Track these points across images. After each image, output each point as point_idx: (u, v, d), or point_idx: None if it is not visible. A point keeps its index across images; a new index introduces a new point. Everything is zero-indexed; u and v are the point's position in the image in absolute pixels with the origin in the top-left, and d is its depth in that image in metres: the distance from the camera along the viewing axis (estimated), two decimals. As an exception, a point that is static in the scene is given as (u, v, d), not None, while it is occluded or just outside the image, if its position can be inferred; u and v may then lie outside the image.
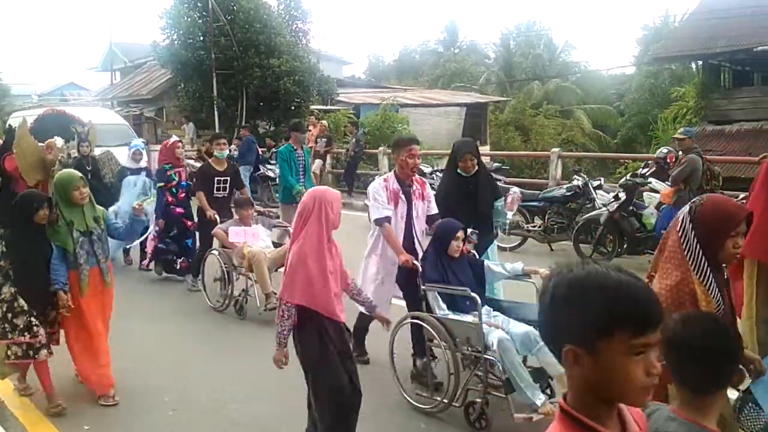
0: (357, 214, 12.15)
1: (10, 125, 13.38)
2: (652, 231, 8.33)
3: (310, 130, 16.11)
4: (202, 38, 20.35)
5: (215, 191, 7.47)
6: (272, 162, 15.87)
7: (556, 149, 12.92)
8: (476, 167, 5.13)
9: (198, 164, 10.95)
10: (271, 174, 14.55)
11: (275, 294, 6.07)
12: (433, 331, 4.32)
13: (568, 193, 9.50)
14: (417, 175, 5.20)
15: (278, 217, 7.60)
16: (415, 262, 4.60)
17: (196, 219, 7.82)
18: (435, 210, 5.11)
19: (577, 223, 9.00)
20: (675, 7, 76.30)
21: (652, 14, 48.67)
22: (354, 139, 16.07)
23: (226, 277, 6.87)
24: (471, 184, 5.14)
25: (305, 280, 3.44)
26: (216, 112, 20.37)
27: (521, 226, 9.62)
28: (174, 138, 8.55)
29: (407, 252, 4.75)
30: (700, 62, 21.22)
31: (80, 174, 4.58)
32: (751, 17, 18.14)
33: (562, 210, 9.50)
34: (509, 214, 6.03)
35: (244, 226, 6.80)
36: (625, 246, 8.51)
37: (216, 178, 7.49)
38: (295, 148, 8.34)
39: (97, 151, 9.81)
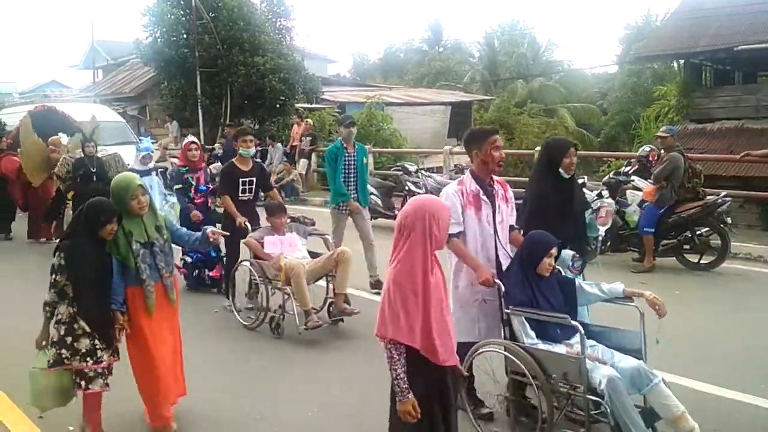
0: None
1: (1, 121, 13.23)
2: (635, 228, 8.41)
3: (294, 128, 16.10)
4: (185, 36, 20.21)
5: (241, 194, 6.69)
6: (257, 160, 15.80)
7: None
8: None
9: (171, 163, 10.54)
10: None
11: (315, 310, 5.82)
12: (521, 364, 3.66)
13: (553, 191, 9.53)
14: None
15: (314, 224, 6.76)
16: (497, 280, 3.89)
17: (221, 225, 7.04)
18: (513, 219, 4.32)
19: (561, 221, 9.04)
20: (657, 6, 76.96)
21: (634, 13, 49.12)
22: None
23: (261, 291, 6.14)
24: (567, 189, 4.48)
25: (402, 312, 2.84)
26: (200, 111, 20.24)
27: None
28: (189, 138, 7.81)
29: (492, 266, 4.06)
30: (682, 61, 21.39)
31: (139, 181, 4.03)
32: (732, 16, 18.33)
33: (546, 208, 9.54)
34: (602, 229, 5.34)
35: (276, 234, 6.17)
36: (608, 243, 8.57)
37: (241, 180, 6.68)
38: (345, 145, 7.31)
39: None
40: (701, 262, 8.15)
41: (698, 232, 8.10)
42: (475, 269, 3.94)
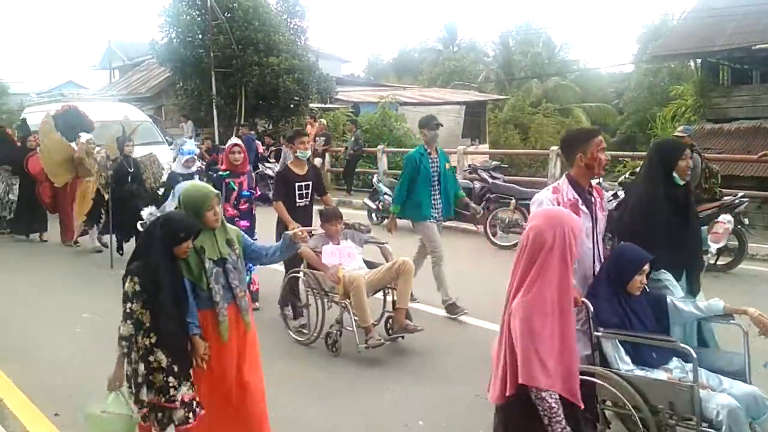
0: (355, 213, 12.16)
1: (24, 119, 12.49)
2: (650, 229, 8.32)
3: (308, 131, 16.13)
4: (200, 36, 20.30)
5: (297, 199, 6.24)
6: (271, 160, 15.86)
7: (555, 147, 12.92)
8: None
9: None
10: (269, 172, 14.54)
11: (375, 324, 5.46)
12: (619, 394, 3.24)
13: (567, 191, 9.48)
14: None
15: (369, 231, 6.21)
16: (585, 300, 3.45)
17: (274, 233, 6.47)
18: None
19: (576, 221, 8.99)
20: (674, 5, 76.15)
21: (651, 12, 48.74)
22: (353, 138, 16.07)
23: (316, 305, 5.69)
24: (681, 196, 3.99)
25: (543, 350, 2.48)
26: (215, 111, 20.34)
27: (520, 224, 9.62)
28: (233, 140, 7.17)
29: (587, 285, 3.63)
30: (699, 60, 21.18)
31: (215, 190, 3.65)
32: (750, 15, 18.14)
33: (561, 208, 9.49)
34: (713, 246, 4.68)
35: (331, 242, 5.69)
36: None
37: (297, 184, 6.20)
38: (427, 150, 6.60)
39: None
40: (718, 263, 8.06)
41: (715, 233, 8.01)
42: None
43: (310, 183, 6.29)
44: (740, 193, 8.27)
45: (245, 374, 3.53)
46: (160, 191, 8.72)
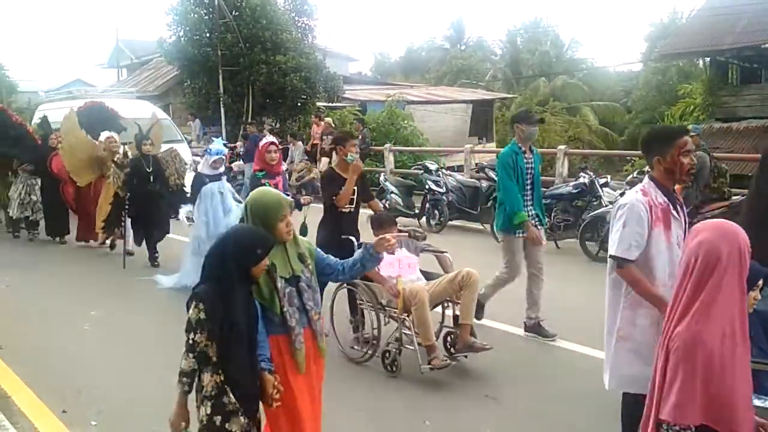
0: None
1: (45, 117, 11.79)
2: (658, 229, 8.30)
3: (313, 128, 16.18)
4: (208, 35, 20.36)
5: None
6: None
7: (562, 146, 12.89)
8: None
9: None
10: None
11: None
12: None
13: (575, 191, 9.47)
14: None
15: (425, 238, 5.65)
16: None
17: (317, 241, 5.77)
18: None
19: (583, 221, 8.98)
20: (682, 3, 75.87)
21: (659, 11, 48.51)
22: (360, 137, 16.06)
23: (374, 320, 5.16)
24: None
25: (716, 387, 2.16)
26: (222, 109, 20.39)
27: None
28: (268, 138, 6.69)
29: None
30: (708, 59, 21.11)
31: (288, 197, 3.26)
32: (760, 14, 18.05)
33: (568, 207, 9.48)
34: None
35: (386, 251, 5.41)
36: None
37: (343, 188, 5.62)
38: (522, 149, 5.66)
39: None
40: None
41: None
42: (659, 307, 3.06)
43: (356, 188, 5.66)
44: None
45: (317, 406, 3.15)
46: (186, 188, 8.49)
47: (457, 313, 5.11)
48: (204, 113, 21.23)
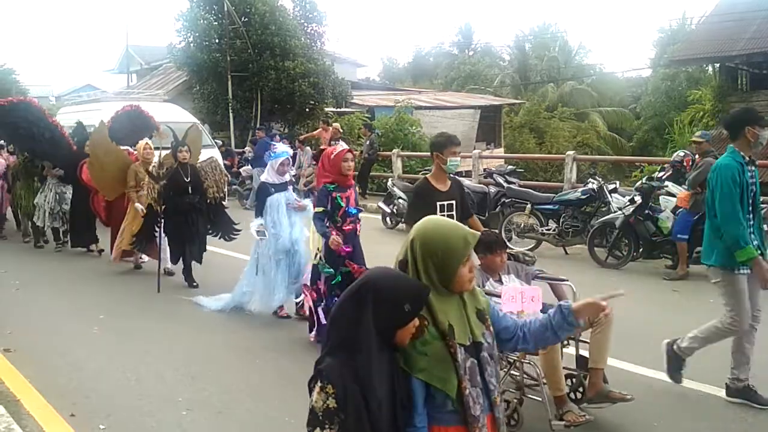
0: (370, 216, 12.17)
1: (80, 122, 10.76)
2: (668, 235, 8.27)
3: (322, 134, 16.18)
4: (217, 40, 20.46)
5: None
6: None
7: (571, 152, 12.86)
8: None
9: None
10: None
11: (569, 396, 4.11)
12: None
13: (583, 197, 9.44)
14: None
15: (534, 261, 4.75)
16: None
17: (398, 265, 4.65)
18: None
19: (592, 227, 8.95)
20: (692, 9, 75.65)
21: (668, 16, 48.42)
22: (368, 142, 16.08)
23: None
24: None
25: None
26: (231, 114, 20.47)
27: (535, 229, 9.58)
28: (342, 146, 5.84)
29: None
30: (717, 65, 21.05)
31: (472, 230, 2.34)
32: (769, 20, 17.98)
33: (577, 213, 9.45)
34: None
35: (491, 278, 4.32)
36: (640, 250, 8.45)
37: (439, 203, 4.68)
38: (745, 159, 4.47)
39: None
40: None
41: (733, 240, 7.92)
42: None
43: (454, 202, 4.75)
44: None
45: None
46: (225, 202, 7.86)
47: (582, 353, 4.26)
48: (213, 118, 21.30)
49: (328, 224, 5.48)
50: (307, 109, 20.51)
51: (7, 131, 10.01)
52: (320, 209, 5.51)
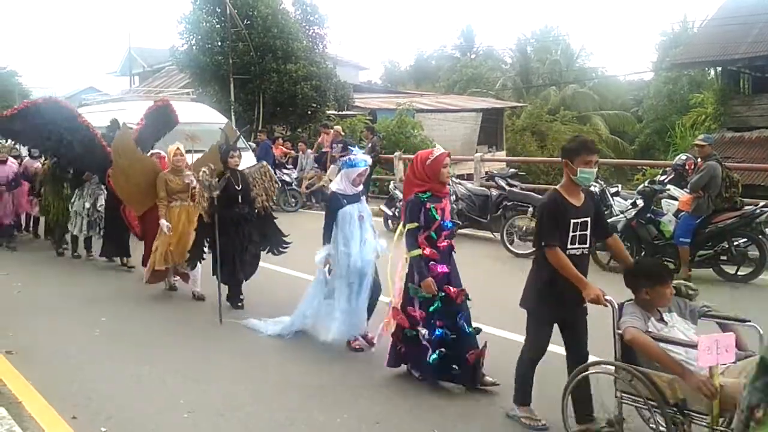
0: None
1: (116, 119, 9.55)
2: (670, 238, 8.26)
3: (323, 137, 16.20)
4: (219, 43, 20.49)
5: (570, 244, 3.93)
6: (288, 167, 15.91)
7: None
8: None
9: None
10: (287, 178, 14.61)
11: None
12: None
13: (585, 200, 9.43)
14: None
15: (697, 295, 3.81)
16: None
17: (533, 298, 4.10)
18: None
19: (594, 230, 8.94)
20: (694, 12, 75.72)
21: (670, 20, 48.43)
22: (369, 145, 16.09)
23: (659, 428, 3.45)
24: None
25: None
26: (233, 117, 20.48)
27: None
28: (439, 149, 4.91)
29: None
30: (719, 68, 21.05)
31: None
32: (772, 23, 17.98)
33: (578, 217, 9.44)
34: None
35: (653, 317, 3.57)
36: (642, 253, 8.44)
37: (573, 221, 3.92)
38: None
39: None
40: (738, 273, 7.96)
41: (735, 243, 7.93)
42: None
43: (588, 219, 4.00)
44: (761, 203, 8.18)
45: None
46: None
47: None
48: (215, 121, 21.32)
49: (425, 248, 4.69)
50: (309, 112, 20.54)
51: (33, 136, 9.10)
52: (413, 225, 4.72)
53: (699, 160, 8.35)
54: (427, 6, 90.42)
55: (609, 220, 8.70)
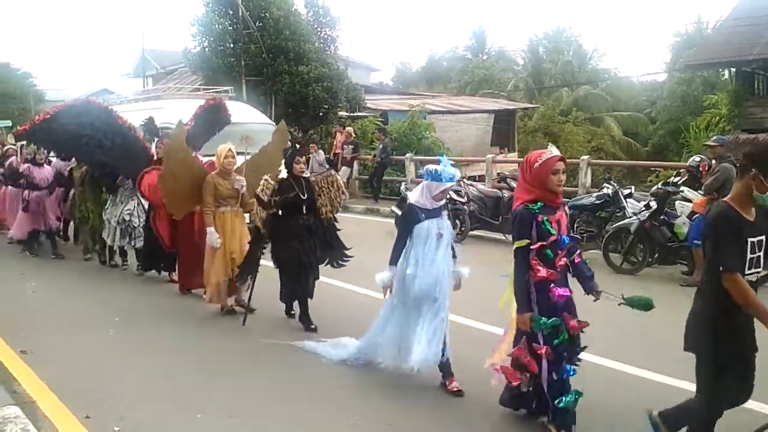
0: (382, 221, 12.19)
1: (151, 117, 8.92)
2: (683, 241, 8.20)
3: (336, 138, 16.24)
4: (232, 45, 20.58)
5: (747, 270, 3.43)
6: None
7: (585, 157, 12.80)
8: None
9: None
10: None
11: None
12: None
13: (598, 202, 9.39)
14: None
15: None
16: None
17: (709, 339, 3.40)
18: None
19: (607, 232, 8.90)
20: (708, 13, 75.13)
21: (684, 20, 48.13)
22: (381, 146, 16.11)
23: None
24: None
25: None
26: (245, 118, 20.56)
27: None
28: (551, 152, 4.02)
29: None
30: (734, 69, 20.88)
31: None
32: (787, 24, 17.83)
33: (591, 218, 9.40)
34: None
35: (745, 218, 3.34)
36: (656, 256, 8.38)
37: (750, 240, 3.40)
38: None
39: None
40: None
41: (750, 246, 7.85)
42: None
43: (764, 238, 3.50)
44: None
45: None
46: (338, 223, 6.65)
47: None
48: (227, 123, 21.40)
49: (538, 268, 3.93)
50: (320, 114, 20.59)
51: (66, 142, 8.27)
52: (523, 242, 3.96)
53: (713, 161, 8.28)
54: (438, 7, 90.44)
55: (622, 222, 8.72)
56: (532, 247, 3.94)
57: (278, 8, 20.36)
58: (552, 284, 3.95)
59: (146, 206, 8.38)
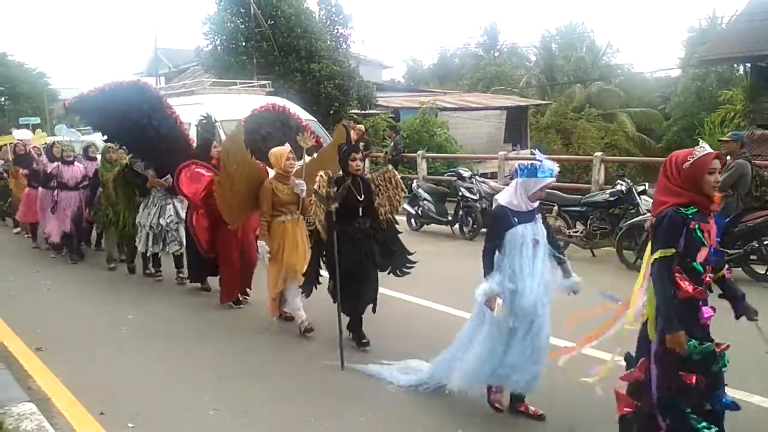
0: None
1: (209, 115, 7.99)
2: (698, 237, 8.12)
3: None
4: (244, 43, 20.65)
5: None
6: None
7: (598, 153, 12.71)
8: None
9: None
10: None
11: None
12: None
13: (612, 199, 9.32)
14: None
15: None
16: None
17: None
18: None
19: (620, 229, 8.83)
20: (722, 8, 74.37)
21: (698, 15, 47.72)
22: (392, 143, 16.09)
23: None
24: None
25: None
26: (257, 117, 20.61)
27: (563, 231, 9.48)
28: (703, 149, 3.34)
29: None
30: (749, 65, 20.68)
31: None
32: (803, 18, 17.62)
33: (605, 215, 9.33)
34: None
35: None
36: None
37: None
38: None
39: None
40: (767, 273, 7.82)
41: (766, 243, 7.77)
42: None
43: None
44: None
45: None
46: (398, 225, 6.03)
47: None
48: (239, 120, 21.48)
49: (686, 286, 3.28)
50: (332, 111, 20.61)
51: (110, 123, 7.61)
52: (669, 251, 3.30)
53: (728, 158, 8.20)
54: (450, 4, 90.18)
55: (636, 219, 8.66)
56: (691, 260, 3.29)
57: (290, 6, 20.40)
58: (699, 302, 3.33)
59: (180, 210, 7.86)
